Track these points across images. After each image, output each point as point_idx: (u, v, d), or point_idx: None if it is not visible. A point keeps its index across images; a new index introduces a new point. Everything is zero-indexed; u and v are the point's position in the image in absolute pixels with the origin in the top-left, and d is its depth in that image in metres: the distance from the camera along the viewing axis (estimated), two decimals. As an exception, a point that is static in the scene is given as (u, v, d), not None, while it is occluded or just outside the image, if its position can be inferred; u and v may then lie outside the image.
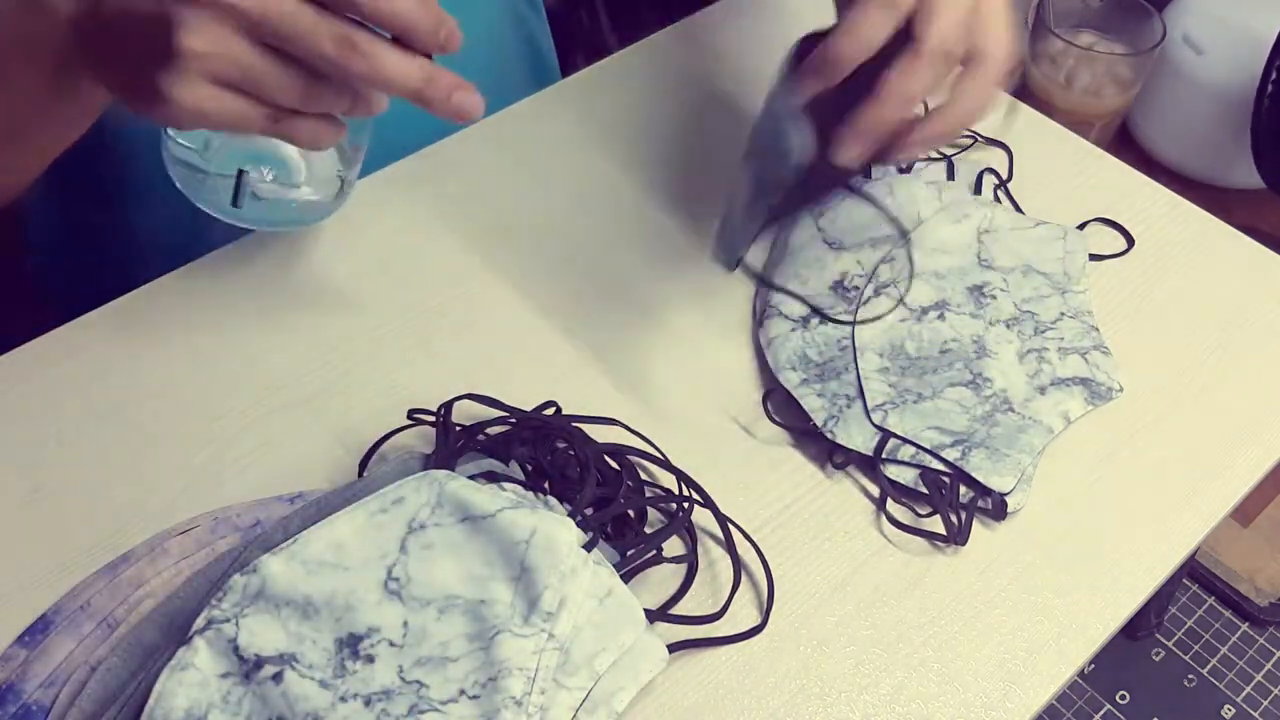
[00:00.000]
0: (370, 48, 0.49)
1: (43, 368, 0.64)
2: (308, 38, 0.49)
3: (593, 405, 0.61)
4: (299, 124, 0.52)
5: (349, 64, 0.49)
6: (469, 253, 0.71)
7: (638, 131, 0.78)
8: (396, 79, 0.50)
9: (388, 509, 0.52)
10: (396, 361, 0.65)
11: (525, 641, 0.49)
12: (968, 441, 0.60)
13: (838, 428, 0.61)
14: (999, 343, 0.65)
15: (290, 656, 0.50)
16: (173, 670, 0.49)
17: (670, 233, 0.72)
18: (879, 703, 0.54)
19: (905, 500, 0.60)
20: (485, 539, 0.51)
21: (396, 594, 0.51)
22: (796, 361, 0.64)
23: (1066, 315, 0.67)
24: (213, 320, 0.66)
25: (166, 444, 0.61)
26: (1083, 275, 0.69)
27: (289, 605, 0.50)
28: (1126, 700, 1.33)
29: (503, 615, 0.50)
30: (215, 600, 0.51)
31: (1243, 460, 0.63)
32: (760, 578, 0.57)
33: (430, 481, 0.53)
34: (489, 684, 0.49)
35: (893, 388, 0.63)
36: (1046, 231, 0.71)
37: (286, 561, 0.51)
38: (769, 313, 0.66)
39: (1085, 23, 1.09)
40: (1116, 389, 0.64)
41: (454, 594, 0.51)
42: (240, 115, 0.51)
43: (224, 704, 0.49)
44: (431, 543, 0.51)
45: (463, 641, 0.50)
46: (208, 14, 0.48)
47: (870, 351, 0.64)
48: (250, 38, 0.49)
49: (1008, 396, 0.63)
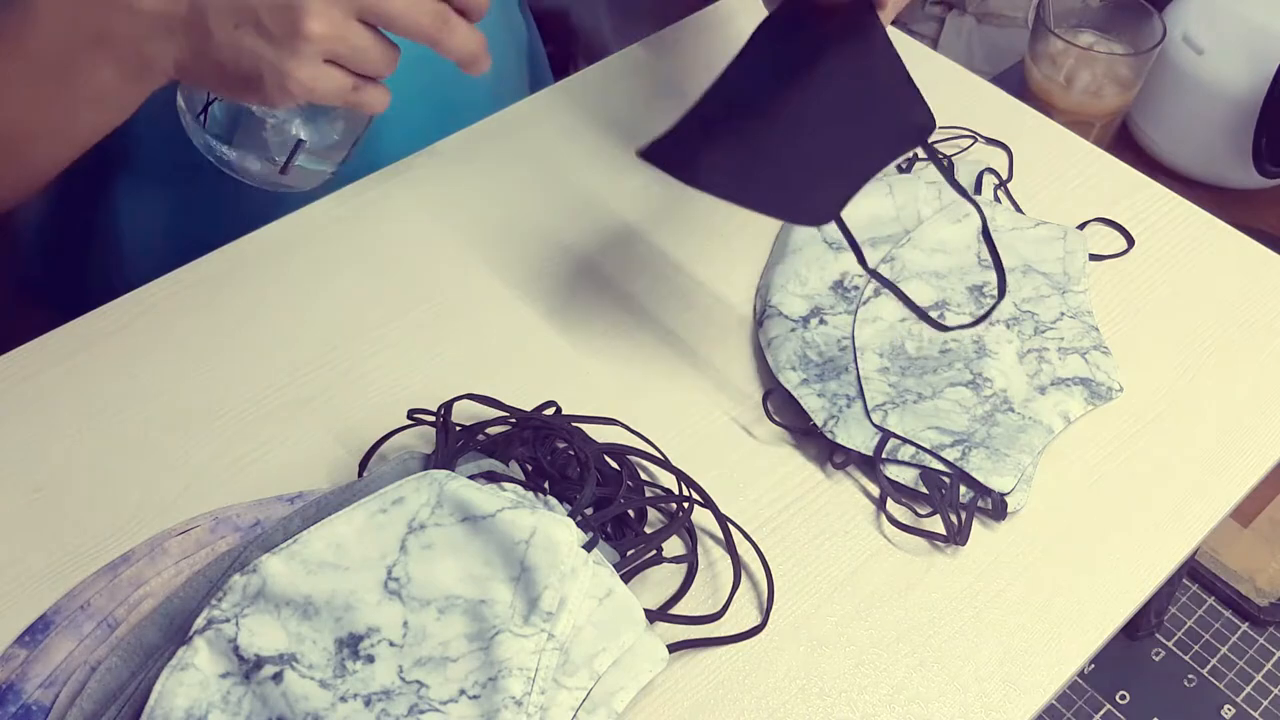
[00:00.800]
0: (455, 20, 0.59)
1: (43, 367, 0.64)
2: (410, 14, 0.57)
3: (593, 405, 0.61)
4: (373, 91, 0.60)
5: (441, 36, 0.58)
6: (469, 253, 0.71)
7: (638, 131, 0.77)
8: (468, 45, 0.60)
9: (387, 509, 0.52)
10: (396, 361, 0.65)
11: (525, 641, 0.49)
12: (968, 441, 0.60)
13: (838, 428, 0.61)
14: (999, 342, 0.65)
15: (290, 656, 0.50)
16: (173, 670, 0.49)
17: (670, 233, 0.72)
18: (879, 703, 0.54)
19: (905, 500, 0.60)
20: (485, 539, 0.51)
21: (396, 594, 0.51)
22: (796, 362, 0.64)
23: (1066, 315, 0.67)
24: (212, 320, 0.66)
25: (166, 444, 0.61)
26: (1083, 275, 0.69)
27: (289, 605, 0.50)
28: (1126, 700, 1.33)
29: (503, 615, 0.50)
30: (215, 600, 0.51)
31: (1242, 460, 0.63)
32: (760, 577, 0.57)
33: (430, 481, 0.53)
34: (489, 684, 0.49)
35: (893, 388, 0.63)
36: (1046, 231, 0.71)
37: (287, 561, 0.51)
38: (768, 313, 0.66)
39: (1085, 23, 1.09)
40: (1116, 389, 0.64)
41: (454, 594, 0.51)
42: (339, 88, 0.58)
43: (224, 704, 0.49)
44: (431, 542, 0.51)
45: (463, 641, 0.50)
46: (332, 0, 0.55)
47: (870, 351, 0.64)
48: (359, 18, 0.56)
49: (1008, 396, 0.63)
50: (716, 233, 0.72)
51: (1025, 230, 0.71)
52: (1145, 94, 1.13)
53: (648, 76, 0.81)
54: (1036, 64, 1.07)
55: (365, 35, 0.57)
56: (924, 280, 0.68)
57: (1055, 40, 1.05)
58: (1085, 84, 1.05)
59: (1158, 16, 1.05)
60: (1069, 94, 1.05)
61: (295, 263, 0.69)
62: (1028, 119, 0.80)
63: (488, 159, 0.76)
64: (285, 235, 0.70)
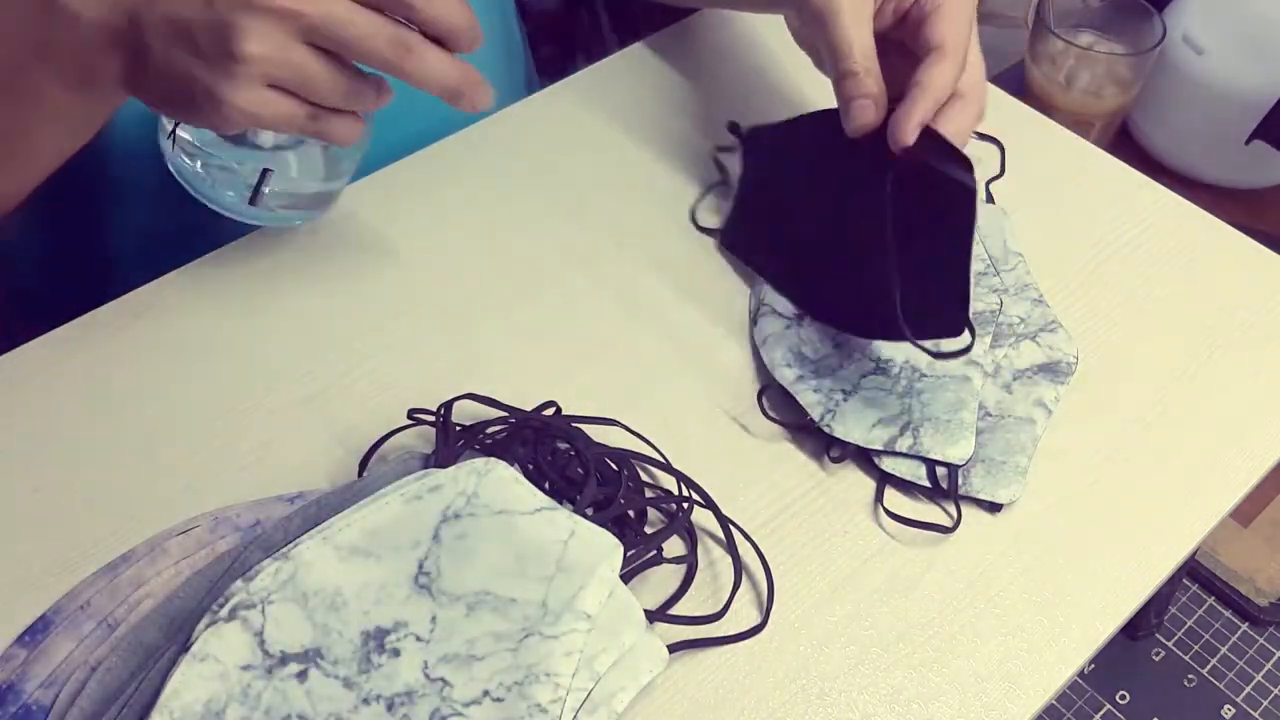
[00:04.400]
0: (421, 49, 0.52)
1: (43, 367, 0.64)
2: (365, 40, 0.51)
3: (593, 405, 0.61)
4: (337, 122, 0.55)
5: (403, 65, 0.52)
6: (468, 252, 0.71)
7: (637, 131, 0.78)
8: (440, 77, 0.54)
9: (424, 496, 0.52)
10: (396, 361, 0.65)
11: (555, 643, 0.49)
12: (909, 423, 0.61)
13: (834, 421, 0.61)
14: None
15: (315, 652, 0.49)
16: (192, 660, 0.49)
17: (670, 233, 0.72)
18: (879, 703, 0.54)
19: (904, 493, 0.60)
20: (521, 535, 0.51)
21: (426, 589, 0.51)
22: (791, 359, 0.64)
23: (1007, 292, 0.67)
24: (212, 320, 0.66)
25: (166, 444, 0.61)
26: (1009, 253, 0.69)
27: (318, 595, 0.50)
28: (1126, 700, 1.33)
29: (533, 616, 0.50)
30: (244, 583, 0.50)
31: (1242, 460, 0.63)
32: (760, 577, 0.57)
33: (469, 471, 0.52)
34: (515, 688, 0.49)
35: (818, 392, 0.62)
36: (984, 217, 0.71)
37: (320, 546, 0.51)
38: (762, 310, 0.67)
39: (1085, 23, 1.09)
40: (1073, 360, 0.65)
41: (484, 590, 0.50)
42: (288, 116, 0.53)
43: (244, 697, 0.49)
44: (465, 533, 0.51)
45: (490, 640, 0.50)
46: (272, 21, 0.50)
47: (780, 367, 0.64)
48: (308, 42, 0.51)
49: (914, 365, 0.63)
50: (717, 232, 0.72)
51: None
52: (1145, 94, 1.14)
53: (648, 76, 0.81)
54: (1036, 64, 1.07)
55: (314, 62, 0.52)
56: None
57: (1055, 40, 1.05)
58: (1085, 84, 1.05)
59: (1158, 16, 1.06)
60: (1069, 94, 1.05)
61: (295, 263, 0.69)
62: (1027, 119, 0.80)
63: (487, 159, 0.76)
64: (284, 236, 0.70)
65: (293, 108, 0.53)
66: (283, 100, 0.52)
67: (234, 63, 0.50)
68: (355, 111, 0.55)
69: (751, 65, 0.82)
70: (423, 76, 0.53)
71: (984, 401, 0.63)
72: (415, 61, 0.52)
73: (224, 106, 0.51)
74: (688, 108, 0.79)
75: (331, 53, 0.52)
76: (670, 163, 0.76)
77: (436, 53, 0.53)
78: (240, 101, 0.51)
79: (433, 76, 0.53)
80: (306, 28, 0.50)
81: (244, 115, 0.52)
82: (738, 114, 0.77)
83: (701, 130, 0.78)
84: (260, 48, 0.50)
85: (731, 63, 0.82)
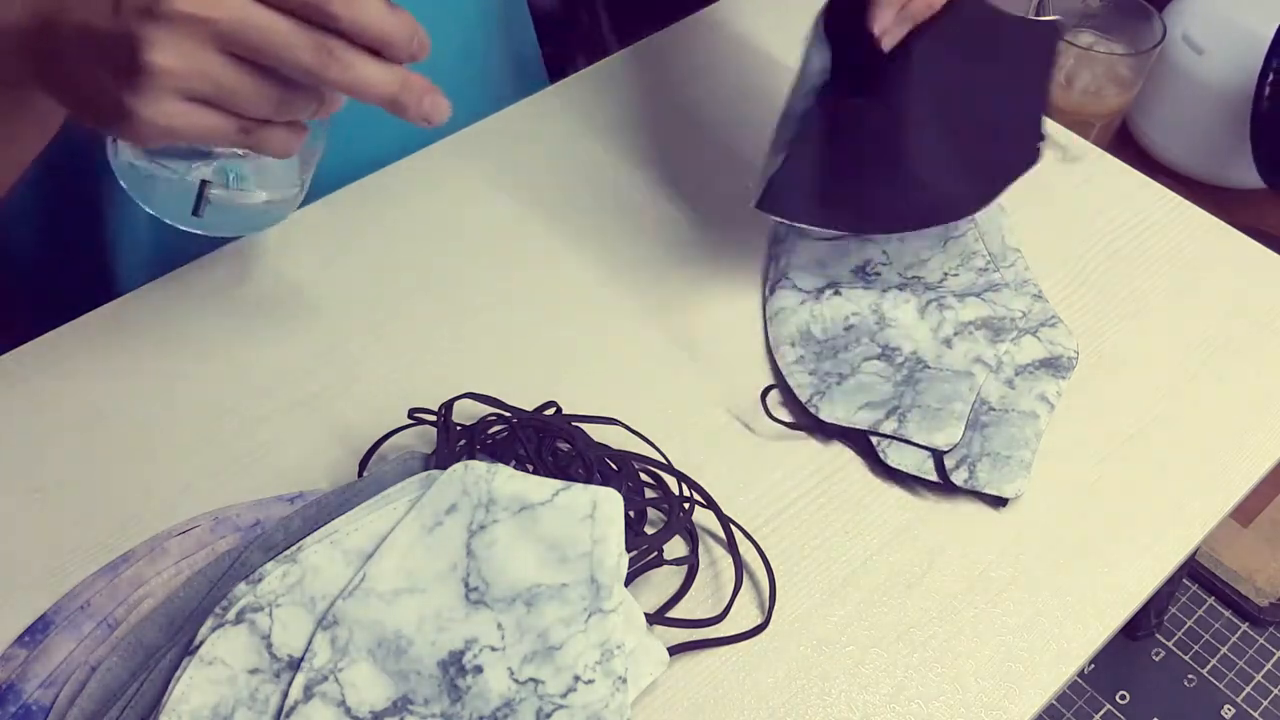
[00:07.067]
0: (348, 56, 0.49)
1: (42, 368, 0.64)
2: (286, 49, 0.48)
3: (593, 405, 0.61)
4: (270, 133, 0.51)
5: (328, 73, 0.48)
6: (468, 252, 0.71)
7: (638, 131, 0.78)
8: (373, 86, 0.50)
9: (443, 520, 0.51)
10: (396, 361, 0.65)
11: (615, 616, 0.51)
12: (899, 408, 0.61)
13: (822, 402, 0.61)
14: (894, 306, 0.65)
15: (403, 701, 0.49)
16: (199, 663, 0.49)
17: (670, 232, 0.72)
18: (879, 703, 0.54)
19: (908, 490, 0.60)
20: (547, 525, 0.51)
21: (481, 601, 0.50)
22: (797, 337, 0.64)
23: (1006, 289, 0.67)
24: (212, 321, 0.66)
25: (166, 444, 0.61)
26: (1006, 249, 0.70)
27: (381, 647, 0.50)
28: (1126, 700, 1.33)
29: (589, 596, 0.50)
30: (250, 586, 0.50)
31: (1242, 460, 0.63)
32: (761, 577, 0.57)
33: (475, 481, 0.52)
34: (597, 667, 0.50)
35: (813, 375, 0.63)
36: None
37: (328, 550, 0.51)
38: (782, 283, 0.67)
39: (1085, 23, 1.09)
40: (1073, 354, 0.65)
41: (536, 583, 0.51)
42: (212, 129, 0.50)
43: (251, 701, 0.48)
44: (495, 539, 0.51)
45: (560, 628, 0.50)
46: (179, 29, 0.47)
47: (784, 345, 0.65)
48: (223, 51, 0.48)
49: (920, 356, 0.64)
50: (717, 231, 0.72)
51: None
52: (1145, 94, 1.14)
53: (648, 76, 0.81)
54: (1036, 64, 1.07)
55: (231, 72, 0.48)
56: (810, 271, 0.68)
57: (1055, 40, 1.05)
58: (1085, 84, 1.05)
59: (1158, 16, 1.05)
60: (1069, 94, 1.05)
61: (294, 263, 0.69)
62: (1028, 119, 0.80)
63: (487, 159, 0.76)
64: (284, 236, 0.70)
65: (215, 120, 0.49)
66: (203, 113, 0.49)
67: (141, 75, 0.47)
68: (293, 121, 0.52)
69: (751, 65, 0.82)
70: (351, 84, 0.49)
71: (987, 397, 0.63)
72: (340, 69, 0.48)
73: (135, 120, 0.48)
74: (688, 107, 0.79)
75: (260, 63, 0.49)
76: (670, 163, 0.76)
77: (368, 60, 0.49)
78: (151, 115, 0.48)
79: (364, 85, 0.49)
80: (217, 35, 0.47)
81: (157, 129, 0.48)
82: (737, 114, 0.77)
83: (701, 130, 0.78)
84: (167, 59, 0.47)
85: (731, 63, 0.82)
